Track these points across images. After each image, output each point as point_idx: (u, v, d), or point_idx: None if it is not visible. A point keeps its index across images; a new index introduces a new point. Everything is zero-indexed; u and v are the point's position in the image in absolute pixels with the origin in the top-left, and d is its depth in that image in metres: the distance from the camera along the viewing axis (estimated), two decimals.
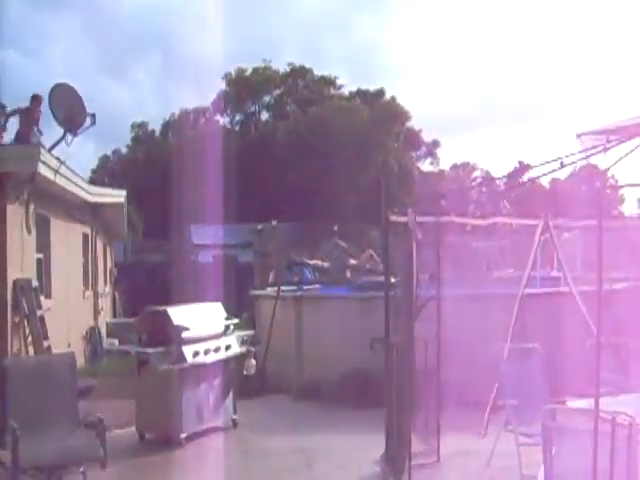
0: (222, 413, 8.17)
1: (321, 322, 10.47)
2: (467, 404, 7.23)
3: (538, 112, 61.60)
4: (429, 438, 6.77)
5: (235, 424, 8.28)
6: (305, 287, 13.62)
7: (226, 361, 8.25)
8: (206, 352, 7.81)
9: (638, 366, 7.12)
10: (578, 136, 5.69)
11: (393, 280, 6.71)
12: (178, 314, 7.73)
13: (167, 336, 7.53)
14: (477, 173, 50.90)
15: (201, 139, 26.00)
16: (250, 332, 9.26)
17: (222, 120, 34.16)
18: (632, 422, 3.69)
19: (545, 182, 43.35)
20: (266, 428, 8.31)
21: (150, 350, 7.39)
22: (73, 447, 5.66)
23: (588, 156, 5.71)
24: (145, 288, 17.48)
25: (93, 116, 11.23)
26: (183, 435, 7.40)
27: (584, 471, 4.04)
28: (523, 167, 48.32)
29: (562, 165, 5.85)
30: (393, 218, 6.49)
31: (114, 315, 18.46)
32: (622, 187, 7.14)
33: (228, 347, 8.25)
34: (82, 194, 11.77)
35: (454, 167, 48.00)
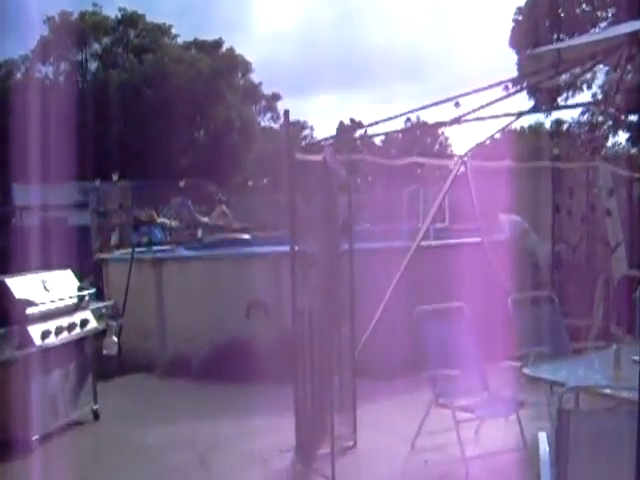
0: (80, 404, 6.71)
1: (186, 287, 9.21)
2: (381, 375, 6.30)
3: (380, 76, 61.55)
4: (343, 417, 5.73)
5: (97, 415, 6.84)
6: (157, 248, 12.28)
7: (82, 340, 6.77)
8: (58, 331, 6.29)
9: None
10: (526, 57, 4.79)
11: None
12: (19, 285, 6.14)
13: (6, 314, 5.93)
14: (306, 132, 50.45)
15: (20, 91, 23.28)
16: (109, 303, 7.78)
17: (44, 70, 30.92)
18: None
19: (378, 141, 43.80)
20: (135, 417, 6.90)
21: None
22: None
23: (539, 81, 4.85)
24: None
25: None
26: (35, 437, 5.88)
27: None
28: (356, 124, 48.54)
29: (507, 90, 4.97)
30: (300, 157, 5.32)
31: None
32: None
33: (84, 323, 6.76)
34: None
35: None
